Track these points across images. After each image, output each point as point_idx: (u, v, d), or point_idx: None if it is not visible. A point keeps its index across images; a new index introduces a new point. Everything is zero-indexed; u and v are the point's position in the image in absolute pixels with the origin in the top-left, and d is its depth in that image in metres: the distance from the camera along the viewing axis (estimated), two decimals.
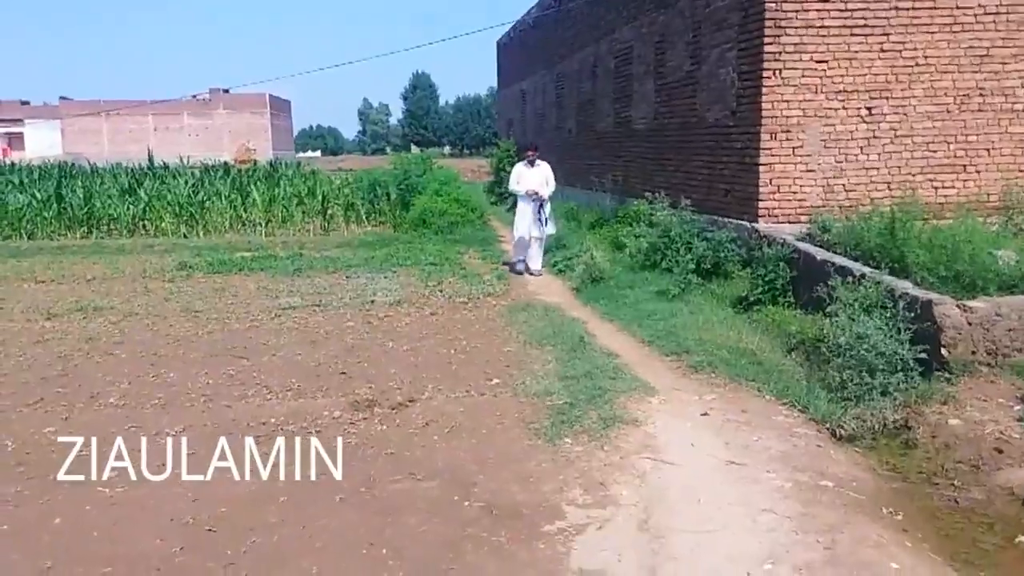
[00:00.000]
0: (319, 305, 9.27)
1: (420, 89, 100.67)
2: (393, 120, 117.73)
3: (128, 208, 18.27)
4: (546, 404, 5.66)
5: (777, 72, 8.68)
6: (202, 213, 18.04)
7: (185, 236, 17.30)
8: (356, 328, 8.20)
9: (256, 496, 4.40)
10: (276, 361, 7.04)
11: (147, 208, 18.27)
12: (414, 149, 66.29)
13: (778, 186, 8.86)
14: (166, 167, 26.35)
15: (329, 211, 18.28)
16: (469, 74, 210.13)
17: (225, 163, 30.59)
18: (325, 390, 6.16)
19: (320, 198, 18.65)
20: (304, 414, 5.61)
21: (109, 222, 18.10)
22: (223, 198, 18.84)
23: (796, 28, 8.63)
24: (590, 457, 4.77)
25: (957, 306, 5.66)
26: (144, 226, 18.01)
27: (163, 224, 17.82)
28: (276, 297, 9.85)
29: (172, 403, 5.98)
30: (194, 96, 68.93)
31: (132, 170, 25.02)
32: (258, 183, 20.50)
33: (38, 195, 18.85)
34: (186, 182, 20.84)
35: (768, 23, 8.61)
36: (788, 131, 8.77)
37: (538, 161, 11.56)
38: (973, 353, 5.60)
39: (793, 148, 8.80)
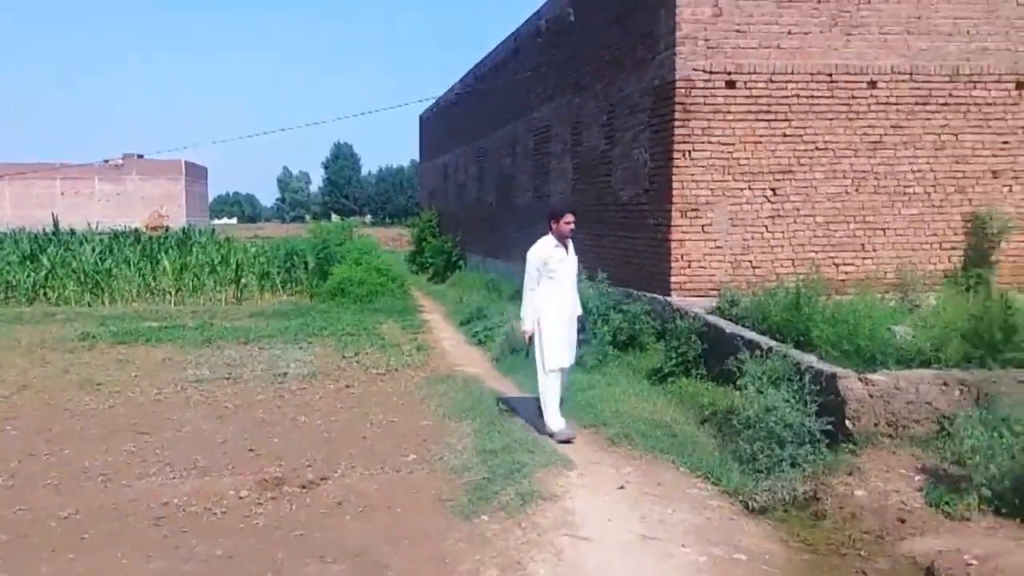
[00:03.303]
0: (228, 378, 8.97)
1: (342, 159, 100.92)
2: (313, 188, 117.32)
3: (28, 275, 17.49)
4: (463, 480, 5.57)
5: (687, 154, 9.07)
6: (108, 281, 17.39)
7: (90, 305, 16.60)
8: (267, 402, 7.95)
9: None
10: (181, 437, 6.74)
11: (49, 275, 17.53)
12: (335, 218, 65.92)
13: (689, 262, 9.16)
14: (72, 233, 25.46)
15: (243, 280, 17.89)
16: (392, 146, 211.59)
17: (136, 229, 29.75)
18: (232, 468, 5.92)
19: (234, 266, 18.27)
20: (209, 494, 5.36)
21: (7, 289, 17.27)
22: (131, 265, 18.27)
23: (704, 113, 9.07)
24: (507, 535, 4.68)
25: (860, 379, 5.88)
26: (45, 294, 17.24)
27: (66, 292, 17.08)
28: (183, 369, 9.50)
29: (66, 483, 5.64)
30: (106, 161, 67.10)
31: (35, 235, 24.06)
32: (169, 250, 20.00)
33: None
34: (93, 248, 20.15)
35: (678, 107, 9.03)
36: (697, 210, 9.12)
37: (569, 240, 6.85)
38: (875, 425, 5.81)
39: (702, 226, 9.15)
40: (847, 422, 5.76)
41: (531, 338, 6.74)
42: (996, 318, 6.38)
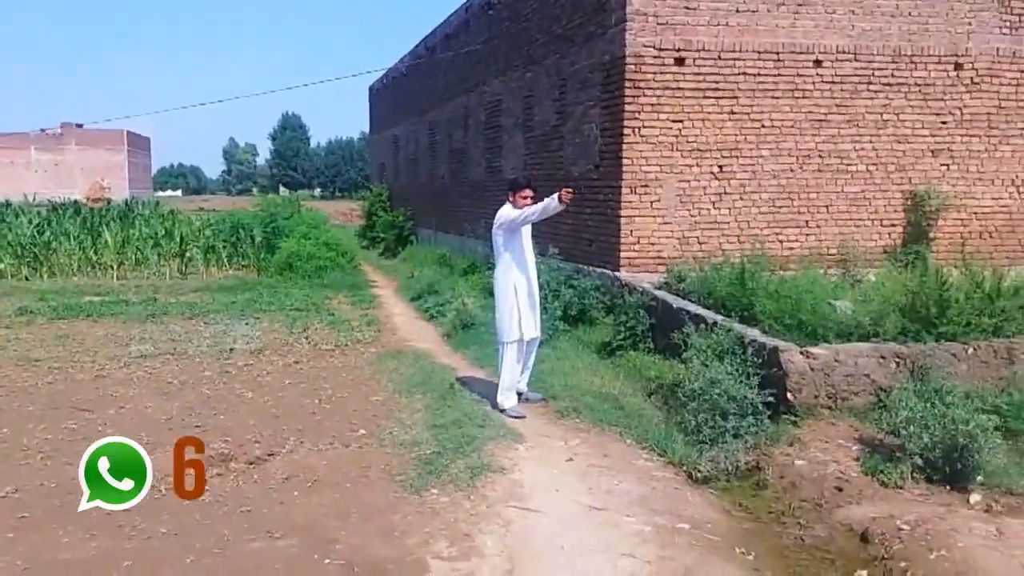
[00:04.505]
0: (173, 353, 8.80)
1: (290, 130, 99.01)
2: (261, 160, 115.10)
3: None
4: (413, 454, 5.57)
5: (636, 130, 9.12)
6: (47, 254, 16.85)
7: (27, 279, 16.06)
8: (213, 378, 7.83)
9: (98, 560, 4.08)
10: (124, 414, 6.60)
11: None
12: (283, 190, 64.82)
13: (638, 237, 9.26)
14: (8, 204, 24.62)
15: (188, 253, 17.50)
16: (342, 117, 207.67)
17: (76, 201, 28.90)
18: None
19: (178, 240, 17.86)
20: (154, 471, 5.26)
21: None
22: (72, 239, 17.73)
23: (654, 89, 9.12)
24: (456, 507, 4.72)
25: (801, 352, 6.04)
26: None
27: (2, 266, 16.49)
28: (126, 345, 9.29)
29: (5, 461, 5.49)
30: (43, 130, 64.73)
31: None
32: (111, 223, 19.50)
33: None
34: (30, 221, 19.53)
35: (628, 83, 9.06)
36: (647, 186, 9.20)
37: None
38: (816, 397, 5.98)
39: (651, 202, 9.24)
40: (788, 394, 5.92)
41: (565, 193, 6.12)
42: (932, 294, 6.59)
